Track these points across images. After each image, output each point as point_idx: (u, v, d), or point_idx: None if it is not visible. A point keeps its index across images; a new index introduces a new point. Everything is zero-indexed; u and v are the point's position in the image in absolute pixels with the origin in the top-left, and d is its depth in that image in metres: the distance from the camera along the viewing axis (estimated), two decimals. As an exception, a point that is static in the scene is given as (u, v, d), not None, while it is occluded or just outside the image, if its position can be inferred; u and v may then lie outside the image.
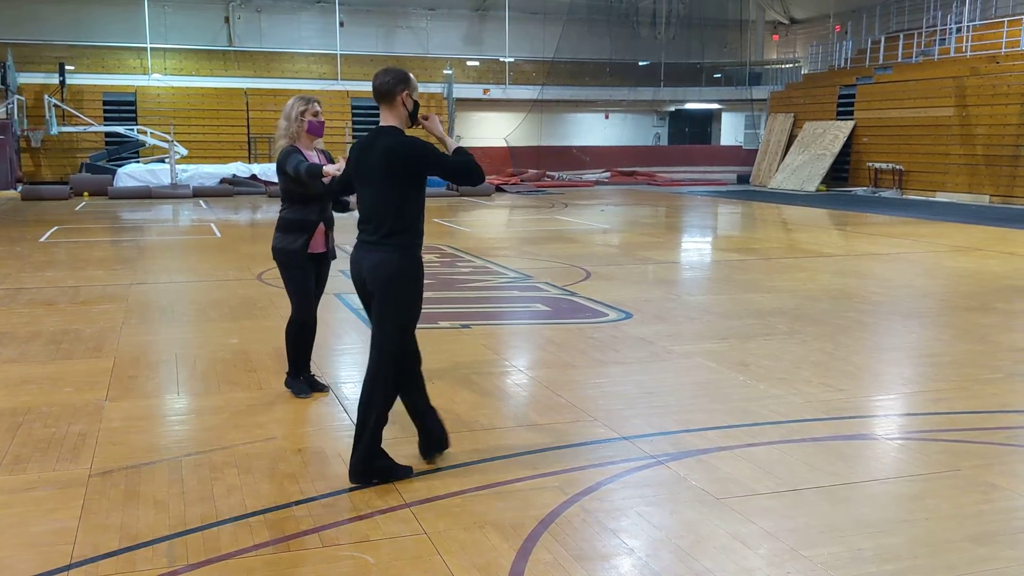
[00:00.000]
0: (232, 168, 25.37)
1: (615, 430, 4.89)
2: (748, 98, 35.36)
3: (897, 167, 25.31)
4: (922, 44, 26.84)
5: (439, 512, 3.83)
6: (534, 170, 30.98)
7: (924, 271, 10.97)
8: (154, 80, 29.76)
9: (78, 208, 19.99)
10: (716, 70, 37.79)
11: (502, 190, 26.46)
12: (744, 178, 30.67)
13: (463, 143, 36.30)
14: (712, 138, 41.09)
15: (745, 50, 37.63)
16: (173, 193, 23.10)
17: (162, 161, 24.92)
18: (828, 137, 27.79)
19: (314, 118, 5.17)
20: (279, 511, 3.84)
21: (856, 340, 7.16)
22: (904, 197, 24.47)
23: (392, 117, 4.11)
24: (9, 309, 8.28)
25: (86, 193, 23.29)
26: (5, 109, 25.31)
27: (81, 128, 26.76)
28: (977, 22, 25.64)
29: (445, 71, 32.34)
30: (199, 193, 23.39)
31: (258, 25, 33.14)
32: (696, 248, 14.37)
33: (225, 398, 5.51)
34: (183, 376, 6.03)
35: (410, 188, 4.07)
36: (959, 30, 25.70)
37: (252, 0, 32.84)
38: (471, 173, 4.06)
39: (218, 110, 29.67)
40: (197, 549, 3.49)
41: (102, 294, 9.07)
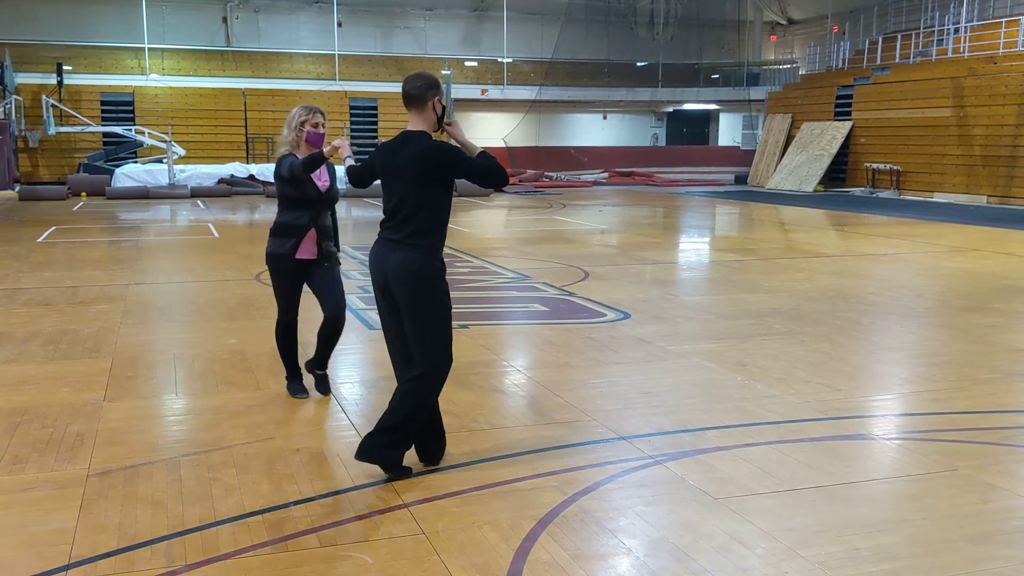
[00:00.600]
0: (230, 168, 25.36)
1: (613, 430, 4.90)
2: (746, 98, 35.40)
3: (895, 167, 25.34)
4: (920, 45, 26.88)
5: (437, 512, 3.83)
6: (532, 170, 31.00)
7: (921, 271, 10.99)
8: (152, 80, 29.76)
9: (76, 208, 19.98)
10: (714, 71, 37.84)
11: (500, 190, 26.48)
12: (742, 178, 30.69)
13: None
14: (710, 139, 41.15)
15: (743, 51, 37.68)
16: (171, 193, 23.10)
17: (160, 161, 24.91)
18: (826, 138, 27.82)
19: (313, 129, 5.15)
20: (277, 511, 3.84)
21: (854, 340, 7.17)
22: (902, 197, 24.50)
23: (421, 122, 4.15)
24: (7, 309, 8.28)
25: (84, 193, 23.29)
26: (3, 109, 25.28)
27: (79, 128, 26.76)
28: (975, 23, 25.68)
29: (443, 71, 32.35)
30: (197, 193, 23.40)
31: (256, 25, 33.15)
32: (694, 248, 14.38)
33: (223, 398, 5.51)
34: (181, 376, 6.03)
35: (439, 191, 4.12)
36: (957, 31, 25.74)
37: (250, 0, 32.84)
38: (497, 176, 4.16)
39: (216, 110, 29.68)
40: (196, 549, 3.49)
41: (100, 294, 9.06)
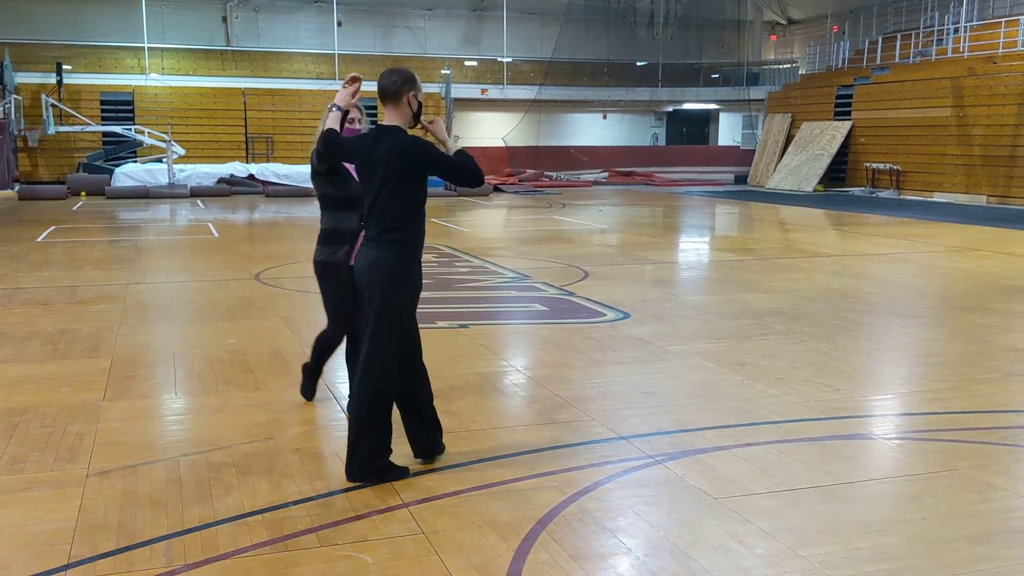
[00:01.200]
0: (229, 168, 25.35)
1: (613, 430, 4.90)
2: (746, 98, 35.38)
3: (894, 167, 25.33)
4: (919, 45, 26.87)
5: (437, 512, 3.83)
6: (532, 170, 31.00)
7: (921, 271, 10.99)
8: (151, 80, 29.74)
9: (75, 208, 19.97)
10: (714, 70, 37.82)
11: (500, 190, 26.47)
12: (742, 178, 30.69)
13: (461, 143, 36.22)
14: (710, 138, 41.13)
15: (743, 50, 37.67)
16: (170, 193, 23.09)
17: (159, 161, 24.90)
18: (825, 137, 27.81)
19: (349, 125, 4.79)
20: (277, 511, 3.84)
21: (853, 340, 7.17)
22: (901, 197, 24.50)
23: (396, 117, 4.13)
24: (6, 309, 8.28)
25: (83, 193, 23.27)
26: (2, 109, 25.26)
27: (78, 128, 26.73)
28: (974, 23, 25.67)
29: (443, 71, 32.35)
30: (196, 193, 23.39)
31: (256, 25, 33.13)
32: (694, 248, 14.38)
33: (223, 398, 5.51)
34: (180, 376, 6.03)
35: (411, 187, 4.07)
36: (956, 31, 25.73)
37: (250, 0, 32.84)
38: (472, 173, 4.12)
39: (215, 110, 29.66)
40: (195, 549, 3.49)
41: (99, 294, 9.06)
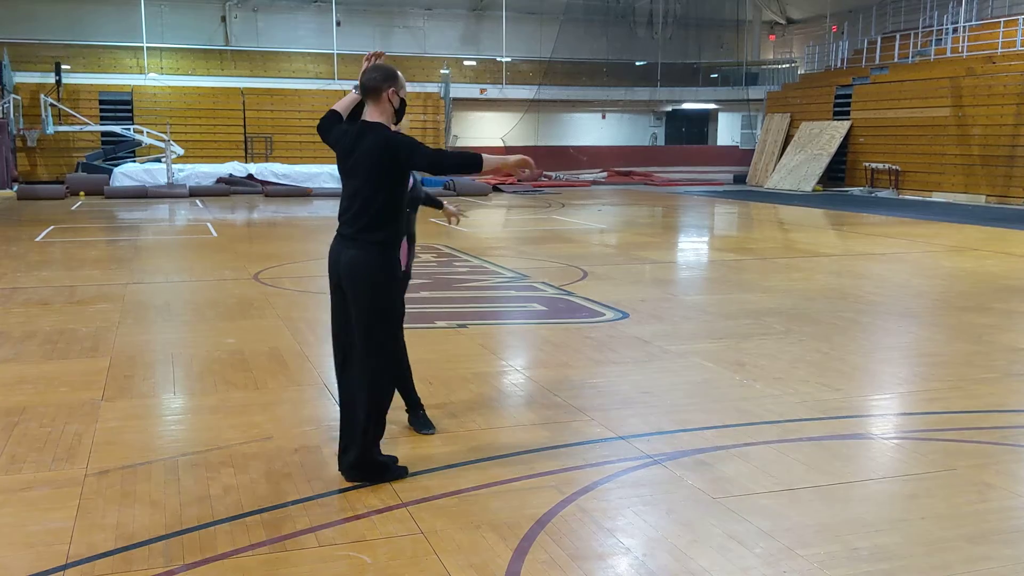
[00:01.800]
0: (228, 167, 25.35)
1: (612, 430, 4.90)
2: (745, 98, 35.40)
3: (893, 167, 25.34)
4: (918, 44, 26.88)
5: (436, 512, 3.83)
6: (530, 170, 30.94)
7: (920, 271, 10.99)
8: (150, 79, 29.73)
9: (74, 208, 19.95)
10: (713, 70, 37.82)
11: (499, 190, 26.47)
12: (740, 178, 30.70)
13: (460, 143, 36.22)
14: (709, 138, 41.14)
15: (742, 50, 37.68)
16: (169, 192, 23.08)
17: (158, 160, 24.90)
18: (824, 137, 27.82)
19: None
20: (275, 511, 3.84)
21: (852, 340, 7.17)
22: (900, 197, 24.51)
23: (377, 113, 4.11)
24: (5, 309, 8.27)
25: (82, 193, 23.26)
26: (1, 108, 25.26)
27: (77, 127, 26.73)
28: (973, 22, 25.68)
29: (442, 71, 32.35)
30: (195, 192, 23.38)
31: (255, 24, 33.13)
32: (693, 248, 14.38)
33: (221, 398, 5.51)
34: (179, 376, 6.02)
35: (393, 184, 4.05)
36: (955, 30, 25.74)
37: (249, 0, 32.83)
38: (467, 160, 4.11)
39: (214, 109, 29.66)
40: (193, 549, 3.49)
41: (98, 294, 9.05)
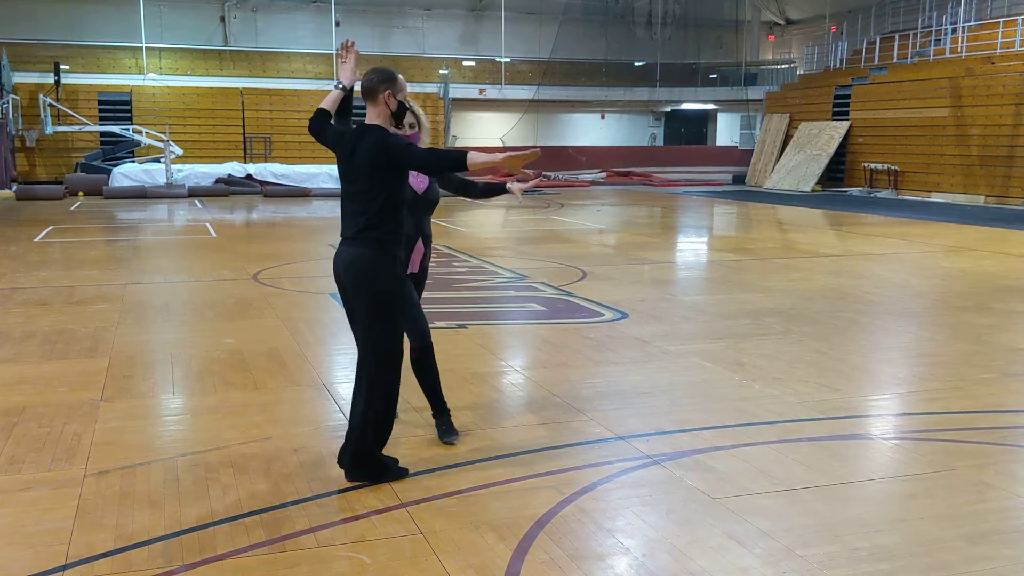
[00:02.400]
0: (227, 168, 25.34)
1: (611, 430, 4.89)
2: (744, 98, 35.42)
3: (892, 167, 25.35)
4: (917, 45, 26.89)
5: (435, 512, 3.83)
6: (530, 170, 30.97)
7: (919, 271, 10.99)
8: (149, 80, 29.72)
9: (73, 208, 19.95)
10: (712, 70, 37.83)
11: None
12: (740, 178, 30.71)
13: (459, 143, 36.18)
14: (708, 138, 41.15)
15: (741, 50, 37.69)
16: (168, 193, 23.07)
17: (157, 161, 24.89)
18: (824, 137, 27.83)
19: (407, 131, 4.48)
20: (275, 511, 3.84)
21: (851, 340, 7.17)
22: (899, 197, 24.52)
23: (375, 115, 4.12)
24: (4, 309, 8.26)
25: (81, 193, 23.25)
26: (0, 109, 25.25)
27: (76, 128, 26.72)
28: (972, 23, 25.69)
29: (441, 71, 32.35)
30: (194, 193, 23.37)
31: (254, 25, 33.13)
32: (692, 248, 14.38)
33: (220, 398, 5.50)
34: (178, 376, 6.02)
35: (391, 185, 4.06)
36: (954, 31, 25.75)
37: (248, 0, 32.83)
38: (451, 159, 3.98)
39: (214, 110, 29.66)
40: (192, 549, 3.48)
41: (97, 294, 9.05)
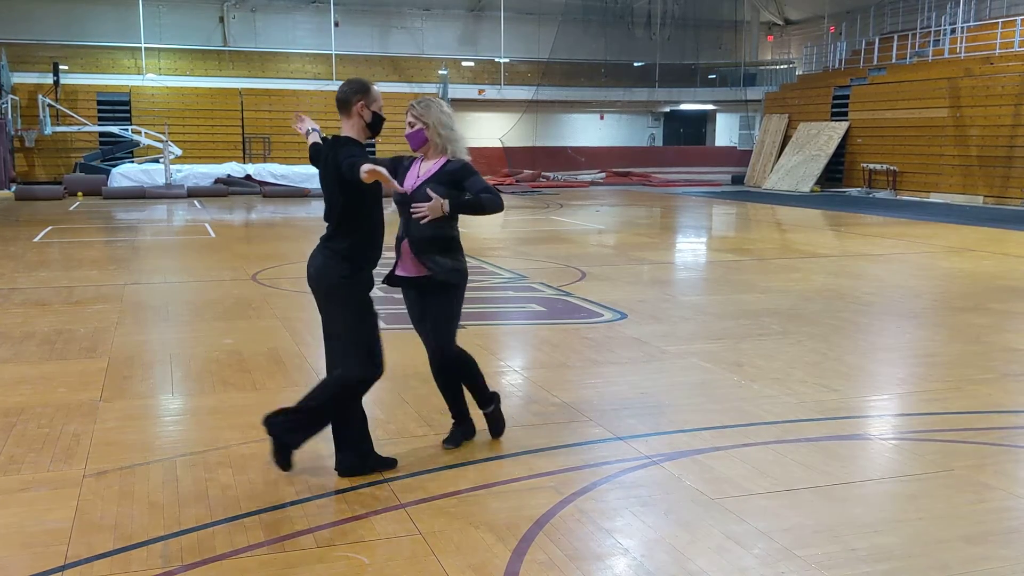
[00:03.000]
0: (227, 168, 25.34)
1: (610, 430, 4.90)
2: (743, 99, 35.43)
3: (891, 168, 25.36)
4: (916, 45, 26.90)
5: (434, 512, 3.83)
6: (529, 170, 31.01)
7: (918, 272, 11.00)
8: (148, 80, 29.71)
9: (72, 208, 19.94)
10: (711, 71, 37.85)
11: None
12: (739, 179, 30.72)
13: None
14: (707, 139, 41.17)
15: (740, 51, 37.70)
16: (167, 193, 23.06)
17: (156, 161, 24.88)
18: (822, 138, 27.84)
19: (410, 128, 4.43)
20: (274, 511, 3.84)
21: (850, 340, 7.17)
22: (898, 198, 24.53)
23: (348, 127, 4.11)
24: (3, 309, 8.26)
25: (80, 193, 23.24)
26: (-1, 109, 25.26)
27: (75, 128, 26.70)
28: (971, 23, 25.70)
29: (440, 71, 32.34)
30: (194, 193, 23.37)
31: (253, 25, 33.12)
32: (691, 249, 14.39)
33: (219, 398, 5.51)
34: (177, 376, 6.02)
35: (349, 196, 4.04)
36: (953, 31, 25.76)
37: (247, 0, 32.82)
38: (348, 172, 3.86)
39: (213, 110, 29.64)
40: (192, 549, 3.48)
41: (96, 294, 9.05)
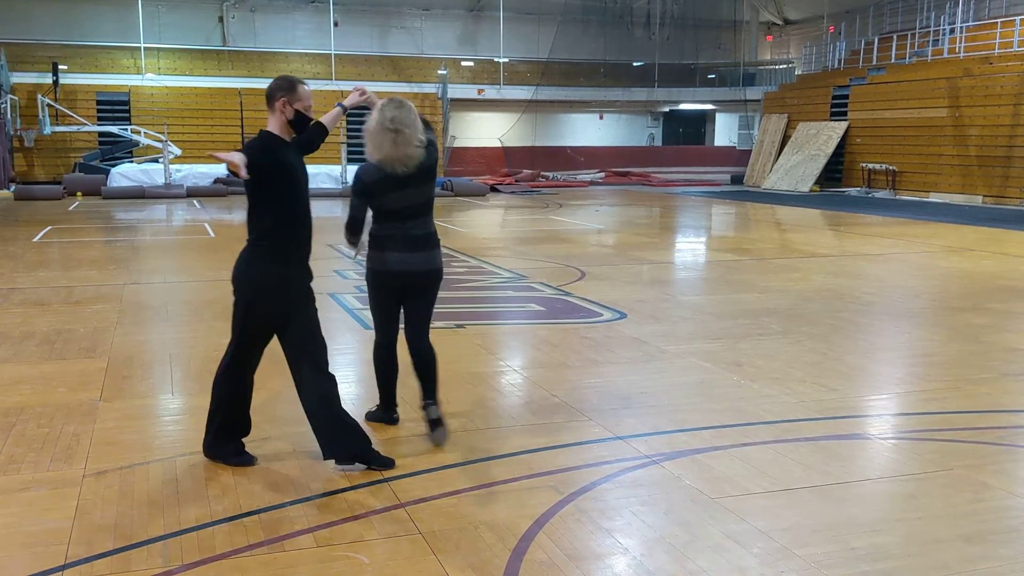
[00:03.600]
0: (226, 168, 25.28)
1: (609, 430, 4.90)
2: (742, 99, 35.44)
3: (890, 168, 25.38)
4: (915, 45, 26.92)
5: (434, 512, 3.83)
6: (528, 170, 31.01)
7: (917, 271, 11.01)
8: (148, 80, 29.70)
9: (71, 208, 19.93)
10: (710, 71, 37.86)
11: (497, 190, 26.48)
12: (738, 179, 30.73)
13: (456, 143, 36.03)
14: (706, 139, 41.18)
15: (739, 51, 37.72)
16: (167, 193, 23.05)
17: (156, 161, 24.87)
18: (822, 138, 27.85)
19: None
20: (273, 511, 3.84)
21: (849, 340, 7.18)
22: (897, 198, 24.54)
23: (271, 122, 4.19)
24: (2, 309, 8.26)
25: (79, 193, 23.22)
26: (-2, 109, 25.25)
27: (74, 128, 26.69)
28: (970, 23, 25.71)
29: (440, 71, 32.33)
30: (193, 193, 23.35)
31: (252, 25, 33.11)
32: (690, 248, 14.39)
33: (219, 398, 5.49)
34: (177, 376, 6.02)
35: (255, 192, 4.10)
36: (952, 31, 25.78)
37: (246, 0, 32.80)
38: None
39: (212, 110, 29.62)
40: (192, 549, 3.49)
41: (96, 294, 9.05)
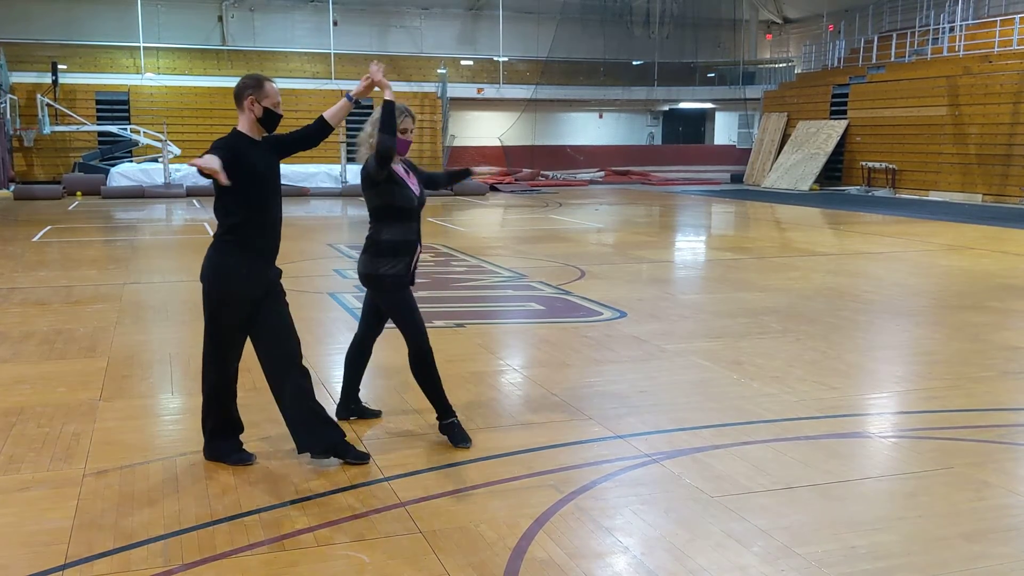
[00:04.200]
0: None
1: (610, 429, 4.90)
2: (742, 97, 35.44)
3: (890, 166, 25.38)
4: (915, 43, 26.92)
5: (434, 511, 3.83)
6: (528, 169, 31.01)
7: (917, 270, 11.01)
8: (147, 79, 29.69)
9: (71, 208, 19.93)
10: (710, 69, 37.86)
11: (496, 189, 26.47)
12: (738, 177, 30.74)
13: (456, 143, 36.07)
14: (706, 137, 41.18)
15: (738, 49, 37.71)
16: (166, 192, 23.06)
17: (155, 160, 24.87)
18: (821, 136, 27.86)
19: (401, 135, 4.46)
20: (274, 510, 3.84)
21: (849, 339, 7.18)
22: (897, 196, 24.54)
23: (241, 121, 4.31)
24: (2, 309, 8.26)
25: (79, 193, 23.23)
26: (-2, 109, 25.24)
27: (74, 127, 26.69)
28: (970, 21, 25.72)
29: (439, 70, 32.34)
30: (192, 192, 23.33)
31: (251, 24, 33.09)
32: (690, 247, 14.39)
33: (219, 398, 5.49)
34: (177, 376, 6.02)
35: (223, 191, 4.14)
36: (952, 30, 25.78)
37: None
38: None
39: (211, 109, 29.59)
40: (192, 549, 3.49)
41: (95, 294, 9.04)
